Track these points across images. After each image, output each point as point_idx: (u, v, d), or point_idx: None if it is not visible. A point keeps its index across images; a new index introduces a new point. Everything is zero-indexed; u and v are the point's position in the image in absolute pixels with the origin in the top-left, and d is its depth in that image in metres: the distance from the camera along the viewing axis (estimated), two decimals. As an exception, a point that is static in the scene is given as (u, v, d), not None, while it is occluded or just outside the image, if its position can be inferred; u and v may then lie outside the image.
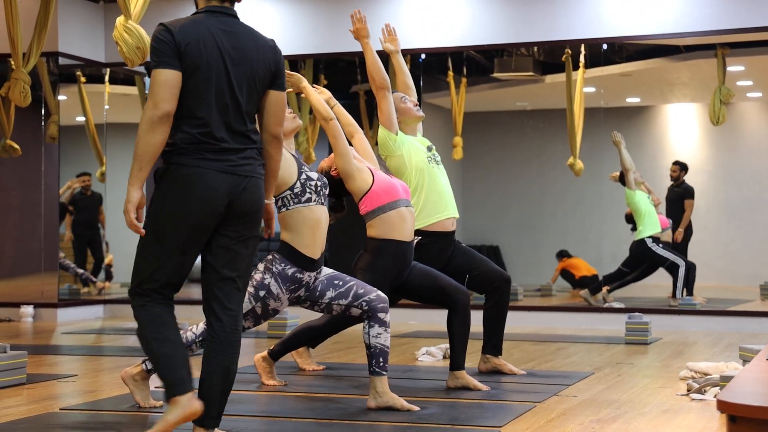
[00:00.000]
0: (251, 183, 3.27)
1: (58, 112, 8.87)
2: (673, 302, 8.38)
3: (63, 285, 8.99)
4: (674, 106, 10.39)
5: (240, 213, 3.26)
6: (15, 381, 4.73)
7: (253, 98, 3.28)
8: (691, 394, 4.46)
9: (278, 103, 3.33)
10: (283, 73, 3.34)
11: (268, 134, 3.34)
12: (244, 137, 3.27)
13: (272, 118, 3.33)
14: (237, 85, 3.23)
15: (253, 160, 3.29)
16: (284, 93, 3.33)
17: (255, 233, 3.35)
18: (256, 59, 3.27)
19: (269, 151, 3.36)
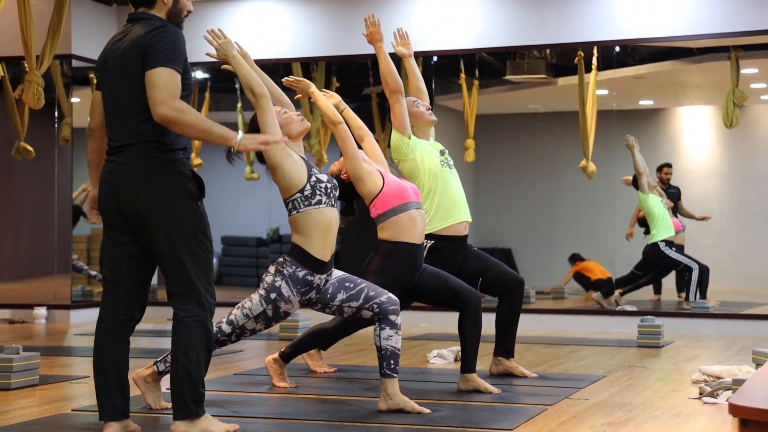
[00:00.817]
0: (124, 178, 3.47)
1: (71, 114, 8.91)
2: (687, 305, 8.35)
3: (76, 287, 9.02)
4: (687, 108, 10.35)
5: (125, 212, 3.51)
6: (28, 382, 4.75)
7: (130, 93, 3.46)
8: (703, 398, 4.44)
9: (146, 83, 3.37)
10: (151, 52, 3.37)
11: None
12: (130, 134, 3.49)
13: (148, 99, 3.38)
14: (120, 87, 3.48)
15: (136, 156, 3.45)
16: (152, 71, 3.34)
17: (160, 236, 3.46)
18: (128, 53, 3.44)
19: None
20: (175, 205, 3.41)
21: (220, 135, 3.38)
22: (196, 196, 3.45)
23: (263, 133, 4.03)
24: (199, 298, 3.47)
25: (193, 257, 3.45)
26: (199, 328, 3.45)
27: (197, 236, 3.46)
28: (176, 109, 3.31)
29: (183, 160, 3.47)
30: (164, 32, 3.40)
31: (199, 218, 3.46)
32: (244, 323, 4.11)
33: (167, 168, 3.42)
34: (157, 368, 4.14)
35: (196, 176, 3.47)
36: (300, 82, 4.58)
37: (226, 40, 4.12)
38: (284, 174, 4.03)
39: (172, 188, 3.41)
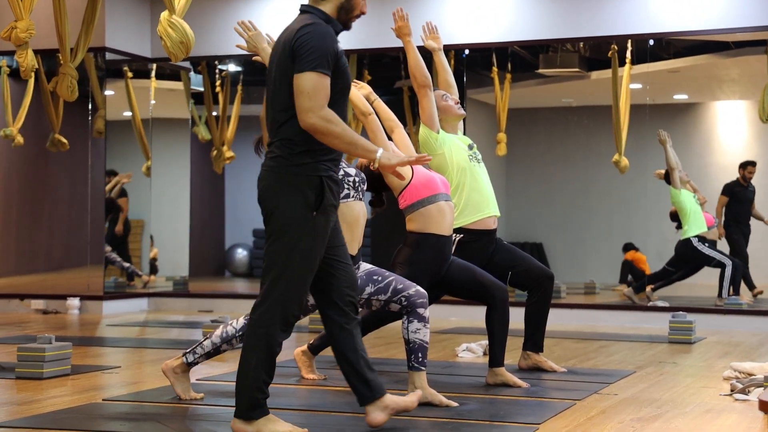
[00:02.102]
0: (261, 172, 3.41)
1: (104, 106, 8.98)
2: (719, 302, 8.28)
3: (109, 278, 9.10)
4: (723, 103, 10.24)
5: (259, 200, 3.46)
6: (60, 372, 4.80)
7: (278, 89, 3.37)
8: (734, 395, 4.40)
9: (294, 87, 3.29)
10: (299, 54, 3.27)
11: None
12: (274, 132, 3.39)
13: (295, 105, 3.31)
14: (272, 82, 3.39)
15: (270, 153, 3.40)
16: (300, 75, 3.26)
17: (268, 231, 3.37)
18: (277, 49, 3.38)
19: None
20: (285, 209, 3.31)
21: (363, 148, 3.30)
22: (312, 205, 3.31)
23: None
24: (276, 306, 3.34)
25: (283, 264, 3.32)
26: (266, 333, 3.35)
27: (297, 245, 3.32)
28: (324, 118, 3.23)
29: (314, 164, 3.31)
30: (312, 33, 3.28)
31: (307, 228, 3.31)
32: (272, 315, 4.12)
33: (293, 170, 3.31)
34: (186, 359, 4.17)
35: (324, 186, 3.31)
36: None
37: (256, 32, 4.13)
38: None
39: (289, 191, 3.31)
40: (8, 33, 6.60)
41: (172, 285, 9.75)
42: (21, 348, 4.80)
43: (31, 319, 8.11)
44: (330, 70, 3.29)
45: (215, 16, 9.18)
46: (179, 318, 8.40)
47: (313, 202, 3.31)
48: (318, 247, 3.36)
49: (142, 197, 9.60)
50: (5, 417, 3.83)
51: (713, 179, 9.38)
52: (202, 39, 8.74)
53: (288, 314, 3.36)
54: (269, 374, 3.39)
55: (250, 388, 3.37)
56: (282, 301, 3.34)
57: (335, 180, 3.39)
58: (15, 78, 8.67)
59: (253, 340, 3.36)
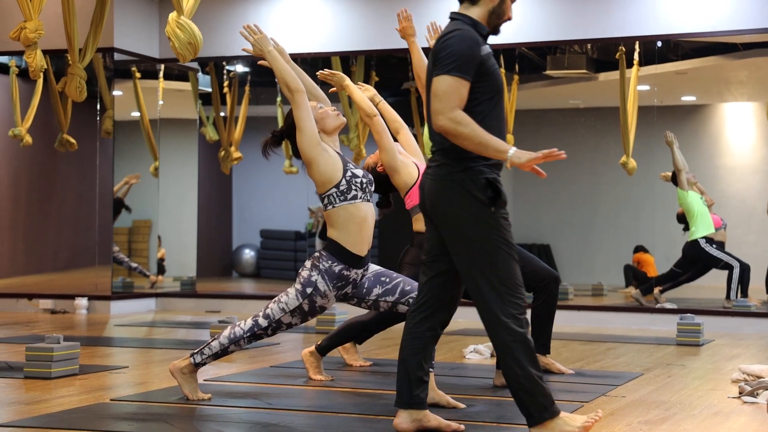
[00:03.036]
0: (427, 183, 3.41)
1: (113, 107, 9.00)
2: (727, 304, 8.26)
3: (116, 278, 9.12)
4: (731, 105, 10.22)
5: (428, 214, 3.45)
6: (68, 371, 4.81)
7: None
8: (742, 397, 4.39)
9: (431, 90, 3.31)
10: (438, 58, 3.30)
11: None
12: (436, 140, 3.41)
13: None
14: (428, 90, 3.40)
15: (434, 161, 3.41)
16: (436, 78, 3.28)
17: (451, 243, 3.34)
18: (431, 57, 3.39)
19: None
20: (462, 214, 3.32)
21: (495, 149, 3.27)
22: (487, 203, 3.31)
23: (298, 127, 4.05)
24: (496, 302, 3.31)
25: (481, 265, 3.32)
26: (503, 340, 3.30)
27: (487, 242, 3.32)
28: (454, 120, 3.23)
29: (478, 168, 3.32)
30: (453, 37, 3.30)
31: (489, 224, 3.31)
32: (280, 317, 4.13)
33: (458, 177, 3.32)
34: (193, 360, 4.17)
35: (491, 184, 3.32)
36: (335, 75, 4.59)
37: (262, 35, 4.14)
38: (319, 169, 4.04)
39: (461, 196, 3.32)
40: (17, 33, 6.62)
41: (180, 285, 9.77)
42: (29, 348, 4.81)
43: (39, 319, 8.13)
44: (470, 74, 3.28)
45: (223, 17, 9.19)
46: (187, 318, 8.41)
47: (485, 200, 3.32)
48: (506, 238, 3.34)
49: (150, 197, 9.62)
50: (13, 416, 3.84)
51: (721, 181, 9.36)
52: (210, 40, 8.76)
53: (514, 306, 3.32)
54: (537, 367, 3.31)
55: (532, 393, 3.29)
56: (495, 301, 3.31)
57: (500, 181, 3.37)
58: (24, 78, 8.69)
59: (504, 348, 3.30)
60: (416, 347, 3.51)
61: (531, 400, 3.29)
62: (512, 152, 3.26)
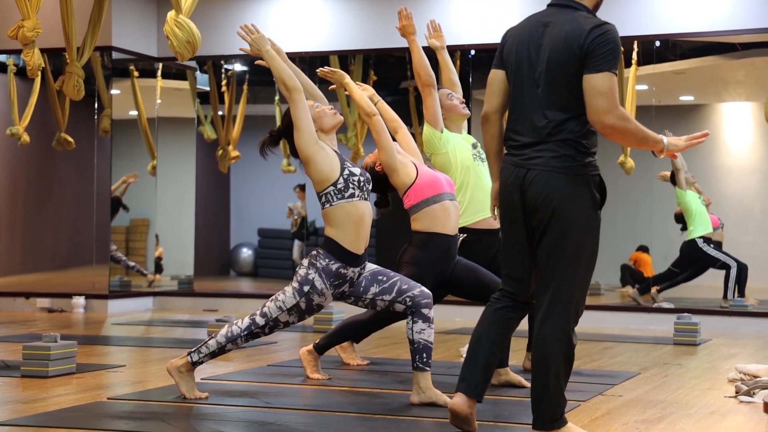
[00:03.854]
0: (538, 176, 3.24)
1: (111, 105, 8.99)
2: (725, 303, 8.27)
3: (114, 277, 9.11)
4: (729, 104, 10.22)
5: (530, 208, 3.27)
6: (65, 370, 4.81)
7: (554, 88, 3.24)
8: (739, 397, 4.39)
9: (587, 88, 3.18)
10: (595, 54, 3.18)
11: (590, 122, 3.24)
12: (545, 131, 3.25)
13: (587, 105, 3.19)
14: (543, 79, 3.25)
15: (548, 152, 3.24)
16: (597, 75, 3.16)
17: (556, 240, 3.25)
18: (557, 46, 3.24)
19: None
20: (574, 209, 3.26)
21: (653, 141, 3.25)
22: (598, 204, 3.29)
23: (296, 126, 4.05)
24: (567, 308, 3.26)
25: (574, 266, 3.27)
26: (559, 339, 3.25)
27: (586, 243, 3.29)
28: (621, 117, 3.17)
29: (595, 163, 3.29)
30: (610, 32, 3.21)
31: (594, 227, 3.29)
32: (277, 316, 4.13)
33: (579, 170, 3.25)
34: (190, 359, 4.17)
35: (603, 184, 3.29)
36: (335, 72, 4.60)
37: (259, 35, 4.14)
38: (317, 167, 4.05)
39: (578, 191, 3.26)
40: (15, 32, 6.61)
41: (177, 284, 9.76)
42: (26, 346, 4.81)
43: (36, 318, 8.12)
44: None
45: (222, 16, 9.19)
46: (184, 317, 8.41)
47: (598, 201, 3.28)
48: (597, 246, 3.31)
49: (148, 196, 9.61)
50: (10, 415, 3.84)
51: (719, 181, 9.36)
52: (208, 38, 8.75)
53: (576, 318, 3.29)
54: (567, 379, 3.30)
55: (553, 403, 3.28)
56: (573, 301, 3.27)
57: (603, 178, 3.33)
58: (21, 77, 8.69)
59: (553, 352, 3.25)
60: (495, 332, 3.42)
61: (548, 408, 3.28)
62: (667, 141, 3.27)
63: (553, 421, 3.29)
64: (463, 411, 3.38)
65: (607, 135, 3.22)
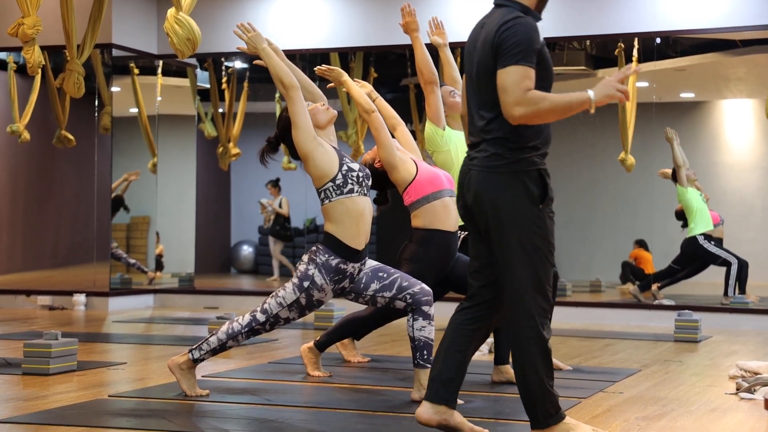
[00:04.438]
0: (475, 177, 3.27)
1: (111, 103, 8.99)
2: (725, 300, 8.27)
3: (114, 274, 9.11)
4: (729, 101, 10.22)
5: (473, 209, 3.29)
6: (66, 368, 4.81)
7: (483, 87, 3.25)
8: (740, 393, 4.39)
9: (497, 86, 3.18)
10: (501, 50, 3.17)
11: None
12: (480, 131, 3.28)
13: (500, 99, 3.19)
14: (475, 80, 3.29)
15: (482, 152, 3.26)
16: (501, 72, 3.16)
17: (499, 240, 3.23)
18: (481, 47, 3.26)
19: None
20: (508, 207, 3.23)
21: (578, 102, 3.20)
22: (537, 199, 3.23)
23: (293, 123, 4.06)
24: (526, 305, 3.23)
25: (520, 263, 3.23)
26: (527, 337, 3.22)
27: (529, 241, 3.23)
28: (528, 103, 3.12)
29: (531, 159, 3.23)
30: (515, 26, 3.18)
31: (535, 222, 3.23)
32: (278, 312, 4.13)
33: (512, 167, 3.23)
34: (191, 356, 4.17)
35: (543, 178, 3.24)
36: (332, 70, 4.60)
37: (255, 33, 4.15)
38: (315, 164, 4.05)
39: (511, 187, 3.23)
40: (15, 29, 6.61)
41: (178, 281, 9.77)
42: (27, 344, 4.81)
43: (37, 315, 8.12)
44: (534, 63, 3.18)
45: (222, 13, 9.18)
46: (185, 314, 8.41)
47: (537, 196, 3.24)
48: (548, 239, 3.27)
49: (148, 194, 9.62)
50: (11, 412, 3.85)
51: (719, 178, 9.36)
52: (208, 36, 8.75)
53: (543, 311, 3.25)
54: (551, 374, 3.26)
55: (541, 399, 3.25)
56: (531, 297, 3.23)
57: (548, 174, 3.29)
58: (22, 74, 8.68)
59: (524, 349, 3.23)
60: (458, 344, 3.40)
61: (539, 405, 3.26)
62: (593, 95, 3.23)
63: (548, 417, 3.27)
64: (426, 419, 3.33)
65: (527, 123, 3.19)
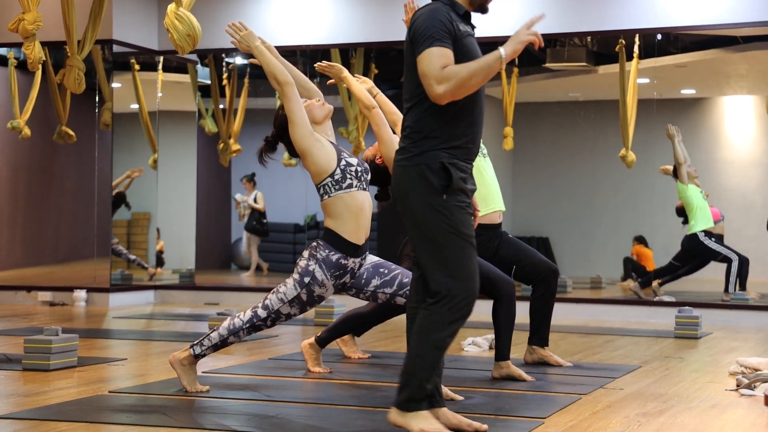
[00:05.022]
0: (393, 172, 3.38)
1: (111, 99, 8.99)
2: (726, 297, 8.27)
3: (115, 270, 9.12)
4: (730, 98, 10.22)
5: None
6: (66, 363, 4.81)
7: (406, 82, 3.35)
8: (740, 390, 4.39)
9: (419, 71, 3.24)
10: (413, 39, 3.27)
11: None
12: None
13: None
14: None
15: (399, 146, 3.37)
16: (417, 60, 3.24)
17: (409, 231, 3.30)
18: (405, 45, 3.38)
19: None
20: (414, 199, 3.27)
21: (489, 64, 3.30)
22: (439, 189, 3.24)
23: (290, 119, 4.06)
24: (439, 298, 3.24)
25: (429, 250, 3.26)
26: (425, 320, 3.26)
27: (440, 231, 3.25)
28: (446, 78, 3.17)
29: (434, 152, 3.25)
30: (419, 15, 3.29)
31: (441, 212, 3.23)
32: (279, 308, 4.13)
33: (414, 160, 3.27)
34: (193, 351, 4.18)
35: (446, 169, 3.24)
36: (333, 66, 4.60)
37: (247, 32, 4.16)
38: (313, 159, 4.06)
39: (414, 180, 3.27)
40: (16, 25, 6.60)
41: (179, 278, 9.77)
42: (28, 340, 4.81)
43: (37, 311, 8.13)
44: (449, 42, 3.24)
45: (222, 9, 9.18)
46: (185, 311, 8.41)
47: (439, 186, 3.24)
48: (458, 228, 3.25)
49: (149, 190, 9.61)
50: (12, 408, 3.85)
51: (720, 174, 9.36)
52: (209, 32, 8.74)
53: (458, 305, 3.24)
54: (434, 369, 3.29)
55: (419, 382, 3.27)
56: (444, 289, 3.24)
57: (461, 168, 3.28)
58: (22, 70, 8.68)
59: (427, 331, 3.25)
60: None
61: (414, 387, 3.25)
62: (503, 52, 3.34)
63: (410, 401, 3.27)
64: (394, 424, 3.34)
65: (453, 99, 3.24)
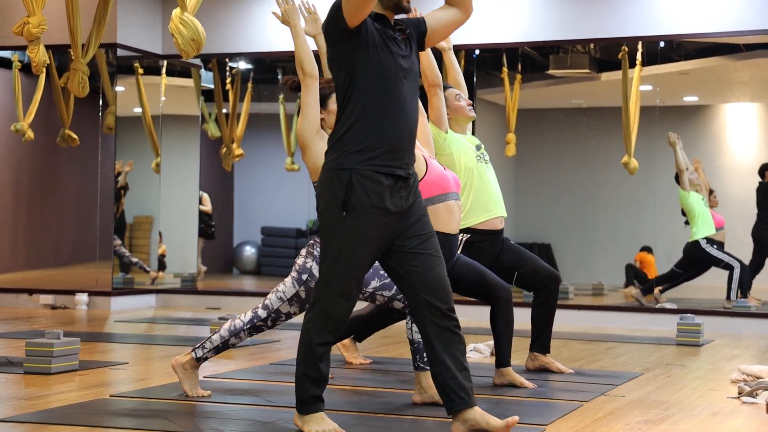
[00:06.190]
0: None
1: (115, 103, 9.00)
2: (727, 304, 8.26)
3: (117, 274, 9.12)
4: (733, 105, 10.21)
5: None
6: (67, 367, 4.81)
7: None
8: (742, 398, 4.39)
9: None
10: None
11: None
12: None
13: None
14: None
15: None
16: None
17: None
18: None
19: None
20: (321, 210, 3.33)
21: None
22: (340, 205, 3.21)
23: (302, 112, 4.05)
24: (313, 307, 3.36)
25: (325, 267, 3.32)
26: (304, 330, 3.40)
27: (329, 246, 3.29)
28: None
29: (338, 159, 3.23)
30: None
31: (336, 229, 3.23)
32: (278, 307, 4.14)
33: (324, 170, 3.31)
34: (194, 355, 4.18)
35: (350, 183, 3.19)
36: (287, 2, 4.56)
37: (292, 6, 4.14)
38: (313, 157, 4.05)
39: (323, 190, 3.29)
40: (20, 28, 6.61)
41: (180, 282, 9.78)
42: (29, 343, 4.81)
43: (39, 315, 8.13)
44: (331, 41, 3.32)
45: (227, 14, 9.19)
46: (187, 315, 8.41)
47: (340, 200, 3.22)
48: (352, 249, 3.22)
49: (151, 194, 9.62)
50: (13, 412, 3.85)
51: (722, 182, 9.36)
52: (213, 36, 8.75)
53: (327, 319, 3.33)
54: (309, 369, 3.41)
55: (298, 383, 3.44)
56: (318, 301, 3.35)
57: (373, 179, 3.23)
58: (26, 73, 8.69)
59: (301, 340, 3.42)
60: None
61: (297, 392, 3.45)
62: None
63: (302, 404, 3.44)
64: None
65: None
